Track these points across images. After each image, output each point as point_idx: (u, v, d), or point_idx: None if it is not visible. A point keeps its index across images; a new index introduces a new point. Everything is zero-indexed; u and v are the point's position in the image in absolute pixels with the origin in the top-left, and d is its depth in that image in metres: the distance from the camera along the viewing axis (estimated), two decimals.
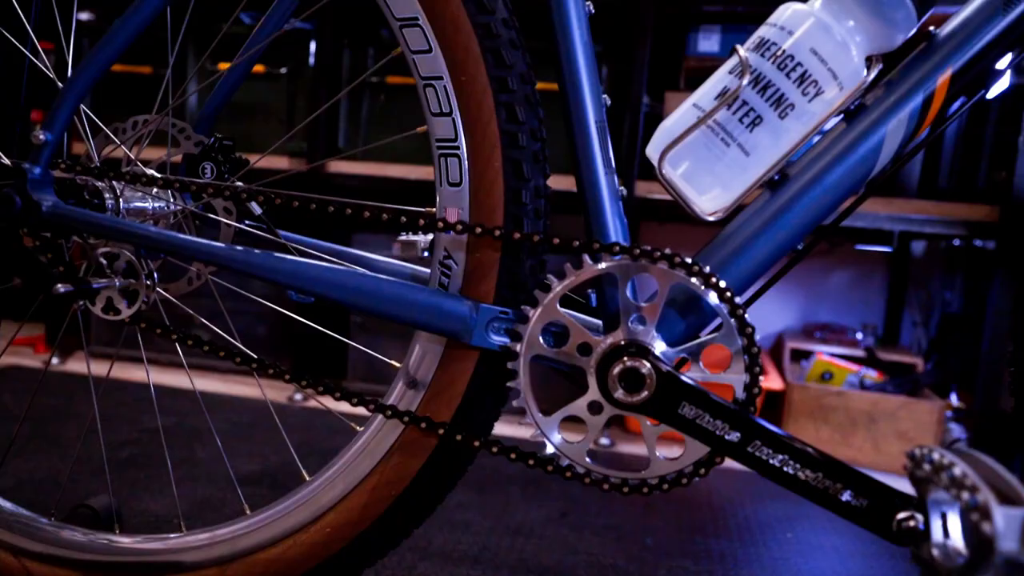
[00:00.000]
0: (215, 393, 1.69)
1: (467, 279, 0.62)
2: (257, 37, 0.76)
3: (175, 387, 1.62)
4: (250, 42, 0.76)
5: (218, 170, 0.74)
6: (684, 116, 0.59)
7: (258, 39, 0.77)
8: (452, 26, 0.60)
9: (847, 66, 0.55)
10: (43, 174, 0.60)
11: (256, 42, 0.77)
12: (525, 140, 0.60)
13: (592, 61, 0.61)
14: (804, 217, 0.58)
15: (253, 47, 0.77)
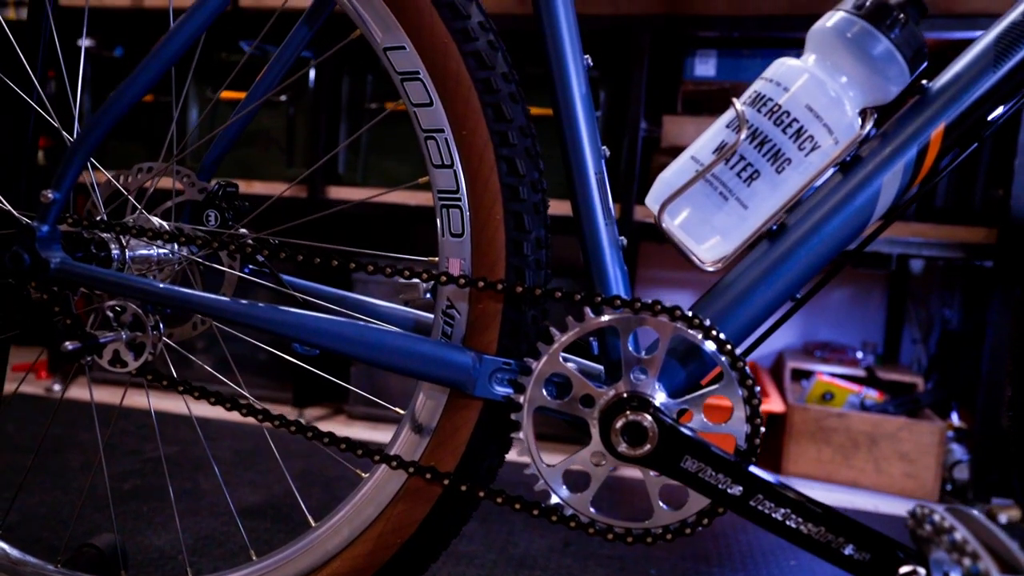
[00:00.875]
0: (217, 419, 1.69)
1: (470, 329, 0.63)
2: (264, 79, 0.77)
3: (177, 414, 1.62)
4: (256, 86, 0.77)
5: (222, 217, 0.74)
6: (682, 168, 0.60)
7: (265, 81, 0.78)
8: (453, 81, 0.61)
9: (842, 121, 0.56)
10: (51, 231, 0.61)
11: (263, 85, 0.78)
12: (526, 193, 0.61)
13: (591, 114, 0.62)
14: (803, 266, 0.59)
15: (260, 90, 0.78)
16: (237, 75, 0.74)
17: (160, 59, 0.60)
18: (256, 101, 0.76)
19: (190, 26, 0.60)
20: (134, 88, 0.61)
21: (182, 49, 0.61)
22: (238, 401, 0.64)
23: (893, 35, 0.54)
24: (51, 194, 0.60)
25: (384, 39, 0.63)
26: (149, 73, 0.61)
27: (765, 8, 1.48)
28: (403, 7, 0.61)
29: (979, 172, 1.58)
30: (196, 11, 0.59)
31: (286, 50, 0.75)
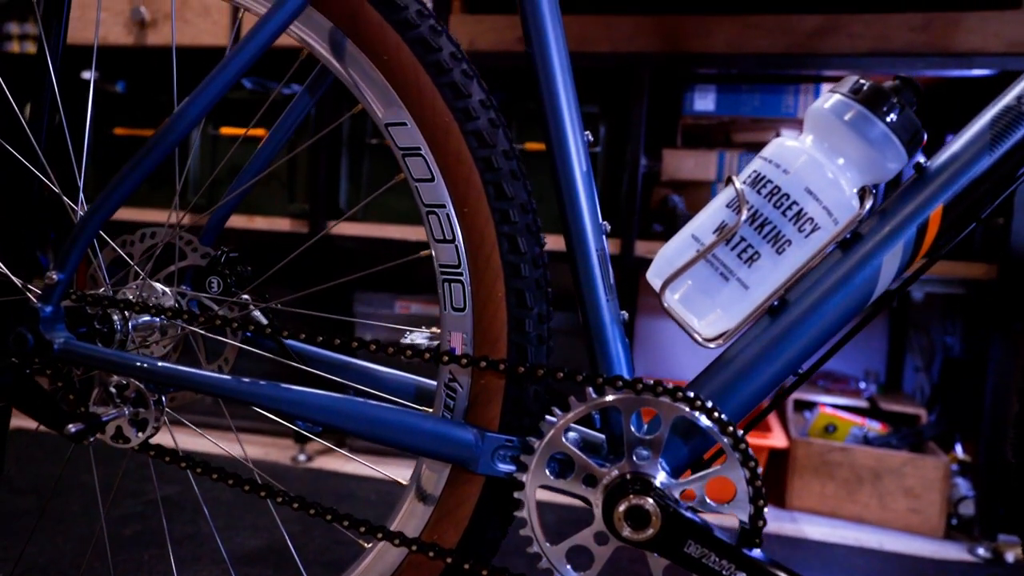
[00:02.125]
0: (218, 455, 1.69)
1: (472, 403, 0.63)
2: (266, 147, 0.78)
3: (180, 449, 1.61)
4: (258, 153, 0.78)
5: (224, 284, 0.75)
6: (683, 246, 0.60)
7: (267, 149, 0.78)
8: (454, 158, 0.61)
9: (841, 201, 0.56)
10: (54, 311, 0.61)
11: (265, 152, 0.78)
12: (527, 270, 0.61)
13: (592, 191, 0.62)
14: (804, 343, 0.59)
15: (262, 158, 0.78)
16: (239, 111, 0.73)
17: (167, 140, 0.61)
18: (259, 167, 0.77)
19: (193, 110, 0.60)
20: (146, 164, 0.61)
21: (189, 129, 0.61)
22: (240, 477, 0.64)
23: (889, 120, 0.55)
24: (55, 275, 0.60)
25: (385, 115, 0.63)
26: (161, 148, 0.61)
27: (763, 46, 1.49)
28: (405, 84, 0.62)
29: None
30: (194, 100, 0.60)
31: (287, 119, 0.76)
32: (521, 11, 0.61)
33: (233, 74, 0.60)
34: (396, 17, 0.61)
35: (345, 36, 0.63)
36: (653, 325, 2.06)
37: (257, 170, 0.76)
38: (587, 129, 0.63)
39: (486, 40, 1.63)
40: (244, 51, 0.60)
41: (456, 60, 0.62)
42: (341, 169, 1.79)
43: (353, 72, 0.64)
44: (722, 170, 1.68)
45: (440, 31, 0.62)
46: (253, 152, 0.77)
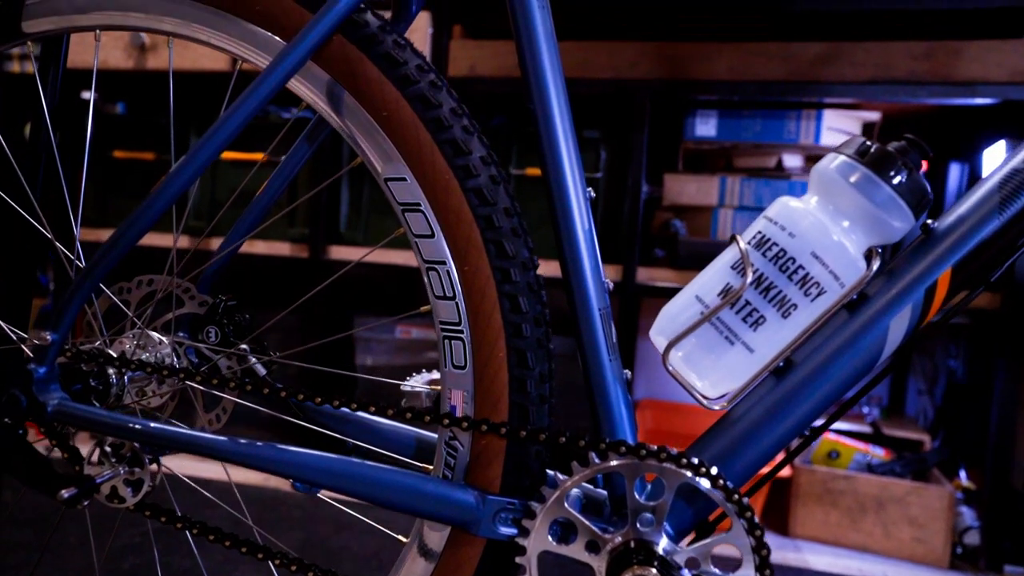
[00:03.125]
0: (218, 480, 1.68)
1: (473, 463, 0.62)
2: (264, 194, 0.77)
3: (180, 475, 1.60)
4: (256, 200, 0.77)
5: (222, 333, 0.74)
6: (687, 306, 0.59)
7: (265, 196, 0.78)
8: (455, 216, 0.61)
9: (847, 264, 0.55)
10: (48, 372, 0.60)
11: (263, 200, 0.77)
12: (529, 330, 0.60)
13: (594, 249, 0.61)
14: (811, 405, 0.58)
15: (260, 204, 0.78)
16: (241, 137, 0.72)
17: (164, 198, 0.60)
18: (256, 217, 0.76)
19: (190, 168, 0.59)
20: (142, 222, 0.61)
21: (187, 185, 0.61)
22: (238, 538, 0.63)
23: (896, 183, 0.54)
24: (49, 336, 0.59)
25: (385, 170, 0.62)
26: (157, 207, 0.60)
27: (764, 74, 1.48)
28: (405, 141, 0.61)
29: None
30: (192, 158, 0.59)
31: (286, 167, 0.75)
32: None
33: (230, 133, 0.60)
34: (396, 73, 0.60)
35: (345, 90, 0.62)
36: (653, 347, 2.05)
37: (255, 218, 0.76)
38: (589, 154, 0.62)
39: (487, 66, 1.63)
40: (242, 108, 0.60)
41: (456, 116, 0.61)
42: (341, 193, 1.78)
43: (352, 126, 0.63)
44: (724, 195, 1.67)
45: (440, 86, 0.62)
46: (245, 179, 0.76)
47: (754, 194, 1.65)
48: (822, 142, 1.59)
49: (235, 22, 0.64)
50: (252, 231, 0.77)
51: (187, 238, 1.79)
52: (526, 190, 1.67)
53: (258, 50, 0.64)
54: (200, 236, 1.79)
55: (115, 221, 1.88)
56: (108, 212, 1.90)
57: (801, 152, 1.66)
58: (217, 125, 0.59)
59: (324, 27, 0.59)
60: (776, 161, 1.68)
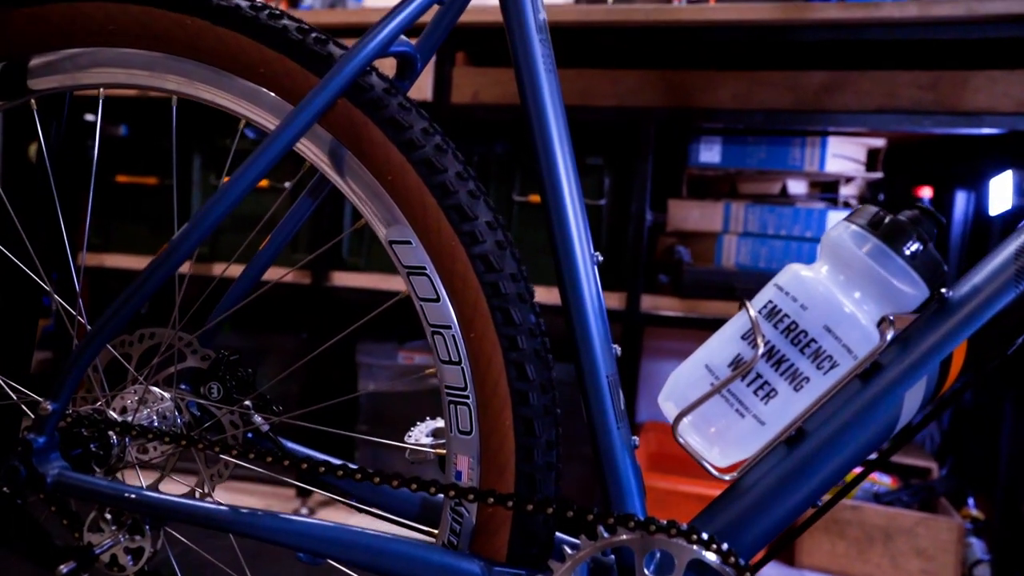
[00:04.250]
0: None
1: (479, 530, 0.61)
2: (268, 247, 0.76)
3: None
4: (260, 254, 0.77)
5: (224, 389, 0.73)
6: (696, 374, 0.58)
7: (269, 249, 0.77)
8: (460, 281, 0.60)
9: (860, 337, 0.54)
10: (48, 442, 0.59)
11: (267, 252, 0.77)
12: (535, 398, 0.59)
13: (602, 314, 0.60)
14: (823, 476, 0.57)
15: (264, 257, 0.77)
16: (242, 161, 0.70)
17: (168, 265, 0.59)
18: (258, 272, 0.75)
19: (195, 234, 0.59)
20: (146, 289, 0.60)
21: (189, 253, 0.60)
22: None
23: (909, 255, 0.53)
24: (50, 406, 0.59)
25: (389, 232, 0.62)
26: (160, 275, 0.60)
27: (769, 102, 1.47)
28: (410, 205, 0.60)
29: None
30: (198, 223, 0.59)
31: (289, 221, 0.75)
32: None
33: (234, 198, 0.59)
34: (401, 138, 0.60)
35: (349, 152, 0.62)
36: (657, 367, 2.04)
37: (256, 275, 0.75)
38: (592, 180, 0.62)
39: (490, 93, 1.62)
40: (247, 173, 0.59)
41: (462, 180, 0.60)
42: (344, 219, 1.78)
43: (356, 188, 0.62)
44: (728, 222, 1.66)
45: (446, 149, 0.61)
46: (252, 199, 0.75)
47: (758, 221, 1.64)
48: (827, 169, 1.58)
49: (239, 82, 0.63)
50: (254, 283, 0.76)
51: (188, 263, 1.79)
52: (529, 217, 1.66)
53: (262, 110, 0.63)
54: (204, 260, 1.78)
55: (119, 247, 1.88)
56: (111, 237, 1.90)
57: (806, 178, 1.66)
58: (222, 191, 0.59)
59: (330, 92, 0.58)
60: (781, 187, 1.67)
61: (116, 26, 0.64)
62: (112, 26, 0.64)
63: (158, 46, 0.64)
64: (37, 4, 0.65)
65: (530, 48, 0.60)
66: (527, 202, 1.66)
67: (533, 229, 1.65)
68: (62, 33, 0.65)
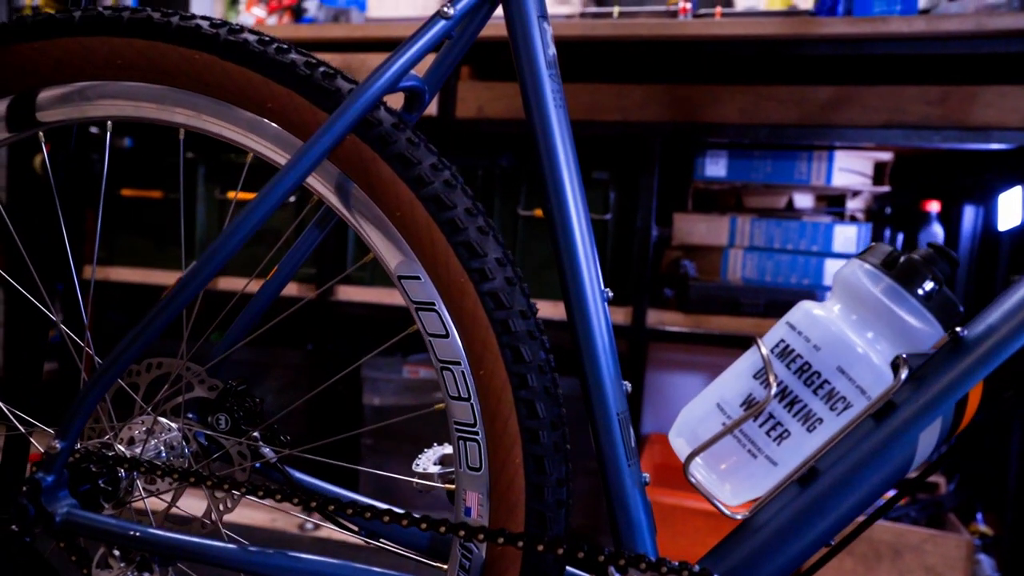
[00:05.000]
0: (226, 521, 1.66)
1: (488, 567, 0.60)
2: (275, 278, 0.76)
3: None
4: (267, 284, 0.76)
5: (232, 420, 0.73)
6: (708, 413, 0.58)
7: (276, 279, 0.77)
8: (470, 318, 0.59)
9: (874, 378, 0.54)
10: (56, 480, 0.59)
11: (275, 281, 0.77)
12: (546, 436, 0.59)
13: (613, 350, 0.60)
14: (836, 516, 0.56)
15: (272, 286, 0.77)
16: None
17: (178, 301, 0.59)
18: (266, 302, 0.75)
19: (206, 271, 0.59)
20: (156, 325, 0.60)
21: (200, 289, 0.60)
22: None
23: (923, 296, 0.52)
24: (58, 444, 0.58)
25: (398, 267, 0.61)
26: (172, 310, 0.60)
27: (776, 117, 1.47)
28: (419, 241, 0.60)
29: (998, 274, 1.56)
30: (208, 260, 0.58)
31: (295, 253, 0.75)
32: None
33: (245, 233, 0.59)
34: (409, 174, 0.59)
35: (358, 187, 0.61)
36: (662, 380, 2.03)
37: (265, 302, 0.75)
38: (598, 195, 0.61)
39: (495, 107, 1.62)
40: (257, 209, 0.59)
41: (471, 216, 0.60)
42: (348, 233, 1.77)
43: (364, 223, 0.62)
44: (734, 235, 1.66)
45: (455, 184, 0.60)
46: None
47: (765, 235, 1.64)
48: (834, 183, 1.58)
49: (247, 116, 0.63)
50: (261, 315, 0.76)
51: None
52: (534, 231, 1.66)
53: (270, 144, 0.63)
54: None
55: (124, 260, 1.88)
56: (116, 251, 1.90)
57: (812, 192, 1.65)
58: (231, 228, 0.58)
59: (339, 130, 0.58)
60: (787, 201, 1.66)
61: (123, 60, 0.64)
62: (119, 60, 0.64)
63: (165, 80, 0.64)
64: (45, 39, 0.65)
65: (540, 84, 0.60)
66: (532, 216, 1.66)
67: (538, 243, 1.65)
68: (70, 67, 0.65)
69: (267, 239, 1.74)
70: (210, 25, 0.63)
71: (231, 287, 1.71)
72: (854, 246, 1.59)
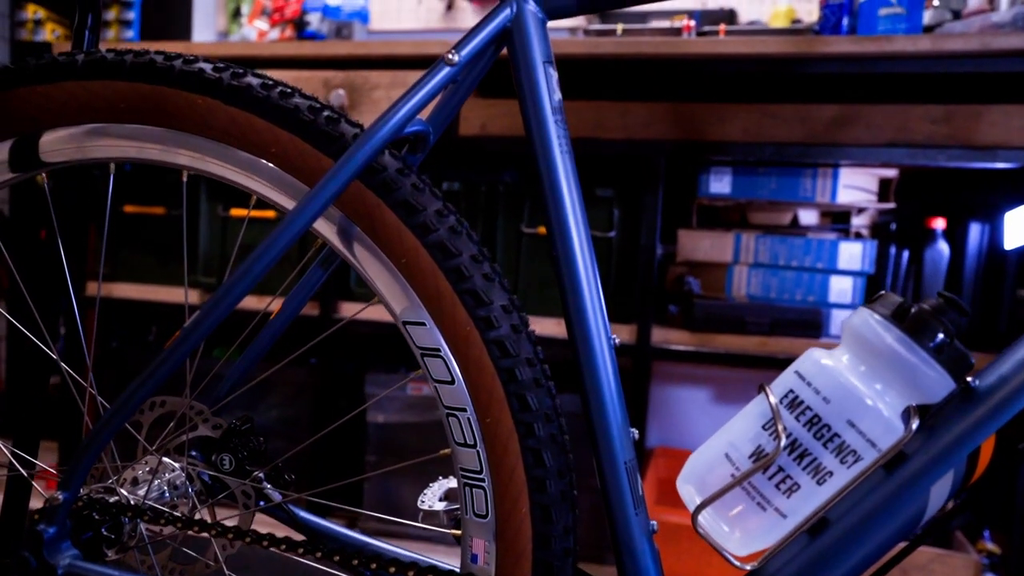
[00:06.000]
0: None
1: None
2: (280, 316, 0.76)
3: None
4: (271, 323, 0.76)
5: (236, 460, 0.72)
6: (716, 463, 0.57)
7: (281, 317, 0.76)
8: (476, 367, 0.59)
9: (884, 431, 0.53)
10: (58, 532, 0.59)
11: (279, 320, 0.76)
12: (552, 485, 0.58)
13: (621, 398, 0.59)
14: (847, 567, 0.56)
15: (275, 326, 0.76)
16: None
17: (182, 350, 0.59)
18: (269, 340, 0.75)
19: (212, 319, 0.58)
20: (160, 373, 0.60)
21: (204, 336, 0.59)
22: None
23: (934, 349, 0.52)
24: (61, 495, 0.58)
25: (403, 313, 0.61)
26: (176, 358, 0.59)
27: (780, 135, 1.46)
28: (424, 288, 0.60)
29: (1005, 293, 1.55)
30: (214, 307, 0.58)
31: (300, 291, 0.74)
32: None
33: (251, 281, 0.59)
34: (414, 221, 0.59)
35: (362, 233, 0.61)
36: (666, 392, 2.02)
37: (268, 341, 0.74)
38: (602, 213, 0.61)
39: (498, 124, 1.62)
40: (264, 256, 0.59)
41: (477, 263, 0.59)
42: None
43: (369, 269, 0.61)
44: (738, 252, 1.65)
45: (460, 231, 0.60)
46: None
47: (769, 251, 1.63)
48: (839, 200, 1.57)
49: (250, 160, 0.63)
50: (266, 351, 0.75)
51: (196, 293, 1.79)
52: (538, 249, 1.65)
53: (274, 187, 0.63)
54: (212, 289, 1.78)
55: (128, 276, 1.88)
56: (119, 267, 1.90)
57: (817, 209, 1.64)
58: (237, 275, 0.58)
59: (343, 177, 0.57)
60: (791, 217, 1.66)
61: (126, 104, 0.64)
62: (122, 104, 0.64)
63: (169, 123, 0.64)
64: (49, 83, 0.64)
65: (545, 130, 0.60)
66: (536, 234, 1.65)
67: (541, 261, 1.64)
68: (73, 110, 0.65)
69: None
70: (213, 69, 0.62)
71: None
72: (859, 263, 1.59)
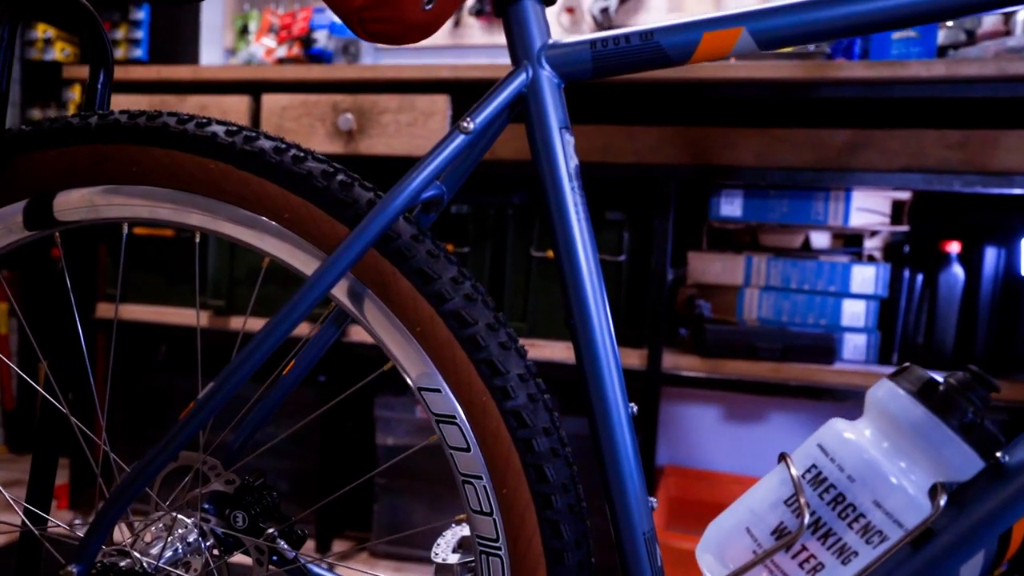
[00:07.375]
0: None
1: None
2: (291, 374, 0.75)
3: None
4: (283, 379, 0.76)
5: (250, 517, 0.72)
6: (737, 536, 0.56)
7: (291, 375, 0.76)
8: (492, 436, 0.58)
9: (910, 510, 0.52)
10: None
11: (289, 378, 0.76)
12: (570, 557, 0.58)
13: (638, 463, 0.59)
14: None
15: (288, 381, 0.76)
16: None
17: (197, 420, 0.58)
18: (280, 396, 0.74)
19: (223, 394, 0.58)
20: (176, 444, 0.59)
21: (219, 406, 0.59)
22: None
23: (962, 428, 0.51)
24: (74, 569, 0.58)
25: (418, 379, 0.60)
26: (191, 428, 0.59)
27: (791, 160, 1.45)
28: (439, 357, 0.59)
29: (1021, 318, 1.53)
30: (224, 382, 0.58)
31: (313, 347, 0.74)
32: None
33: (264, 353, 0.58)
34: (429, 289, 0.58)
35: (377, 299, 0.60)
36: (676, 411, 2.01)
37: (278, 399, 0.74)
38: (612, 236, 0.60)
39: (507, 148, 1.60)
40: (279, 328, 0.58)
41: (493, 332, 0.59)
42: None
43: (383, 334, 0.61)
44: (750, 275, 1.64)
45: (475, 298, 0.59)
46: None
47: (781, 274, 1.62)
48: (851, 223, 1.56)
49: (263, 222, 0.63)
50: (276, 409, 0.75)
51: (206, 315, 1.79)
52: (548, 272, 1.64)
53: (288, 250, 0.62)
54: (222, 314, 1.79)
55: (137, 296, 1.88)
56: (128, 287, 1.90)
57: (829, 231, 1.63)
58: (250, 348, 0.58)
59: (360, 246, 0.57)
60: (803, 240, 1.64)
61: (140, 168, 0.63)
62: (135, 167, 0.63)
63: (182, 186, 0.63)
64: (63, 146, 0.64)
65: (562, 198, 0.59)
66: (545, 257, 1.64)
67: (552, 284, 1.64)
68: (86, 172, 0.65)
69: (279, 280, 1.74)
70: (226, 133, 0.62)
71: (253, 327, 1.71)
72: (872, 287, 1.57)
